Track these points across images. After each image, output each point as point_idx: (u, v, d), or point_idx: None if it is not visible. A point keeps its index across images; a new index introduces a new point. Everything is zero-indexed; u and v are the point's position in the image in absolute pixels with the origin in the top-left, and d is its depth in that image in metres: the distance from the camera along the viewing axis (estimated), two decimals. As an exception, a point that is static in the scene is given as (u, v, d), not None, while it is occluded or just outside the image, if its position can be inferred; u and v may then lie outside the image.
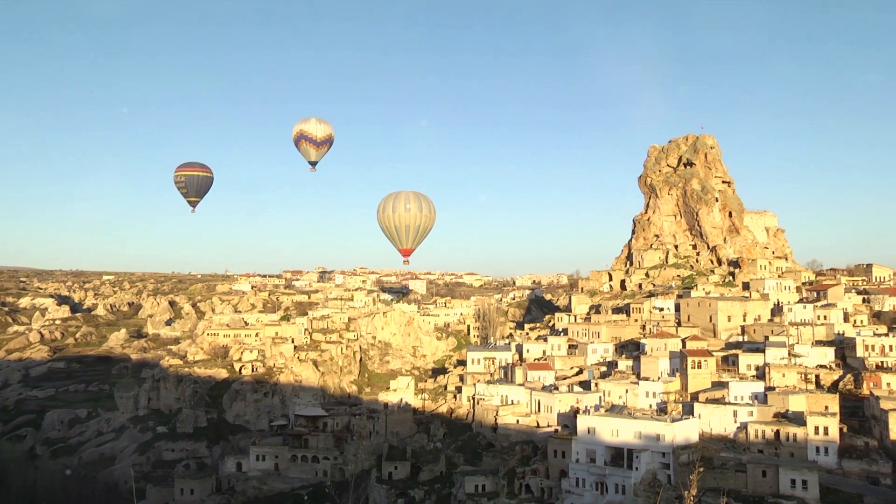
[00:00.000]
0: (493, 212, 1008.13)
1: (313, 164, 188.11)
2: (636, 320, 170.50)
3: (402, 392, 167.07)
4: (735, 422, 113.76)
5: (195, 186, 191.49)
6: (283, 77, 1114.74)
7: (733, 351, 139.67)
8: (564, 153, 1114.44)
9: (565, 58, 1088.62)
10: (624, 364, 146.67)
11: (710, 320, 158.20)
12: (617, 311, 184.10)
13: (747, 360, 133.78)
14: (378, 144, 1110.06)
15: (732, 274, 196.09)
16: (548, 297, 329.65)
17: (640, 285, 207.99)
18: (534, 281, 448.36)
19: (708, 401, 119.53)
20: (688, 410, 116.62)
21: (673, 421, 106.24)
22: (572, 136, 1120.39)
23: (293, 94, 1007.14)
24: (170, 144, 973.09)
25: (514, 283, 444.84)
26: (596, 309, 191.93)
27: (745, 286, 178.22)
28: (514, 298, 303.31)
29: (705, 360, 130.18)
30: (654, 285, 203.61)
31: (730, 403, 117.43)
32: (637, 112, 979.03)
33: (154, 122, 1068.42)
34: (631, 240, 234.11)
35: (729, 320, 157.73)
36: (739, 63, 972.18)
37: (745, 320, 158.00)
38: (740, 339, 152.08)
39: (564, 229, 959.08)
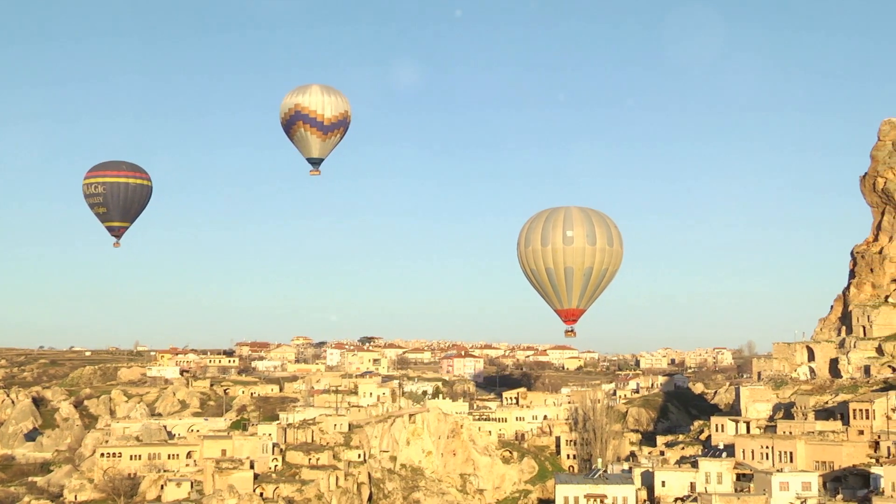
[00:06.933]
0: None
1: (316, 163, 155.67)
2: (861, 432, 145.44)
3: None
4: None
5: (121, 201, 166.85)
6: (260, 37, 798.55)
7: None
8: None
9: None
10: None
11: None
12: (824, 414, 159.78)
13: None
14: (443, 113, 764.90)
15: None
16: (696, 388, 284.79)
17: (866, 369, 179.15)
18: (672, 360, 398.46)
19: None
20: None
21: None
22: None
23: (279, 59, 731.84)
24: (75, 134, 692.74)
25: (636, 363, 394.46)
26: (786, 412, 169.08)
27: None
28: (637, 391, 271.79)
29: None
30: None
31: None
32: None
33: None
34: (848, 288, 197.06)
35: None
36: None
37: None
38: None
39: (727, 273, 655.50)
